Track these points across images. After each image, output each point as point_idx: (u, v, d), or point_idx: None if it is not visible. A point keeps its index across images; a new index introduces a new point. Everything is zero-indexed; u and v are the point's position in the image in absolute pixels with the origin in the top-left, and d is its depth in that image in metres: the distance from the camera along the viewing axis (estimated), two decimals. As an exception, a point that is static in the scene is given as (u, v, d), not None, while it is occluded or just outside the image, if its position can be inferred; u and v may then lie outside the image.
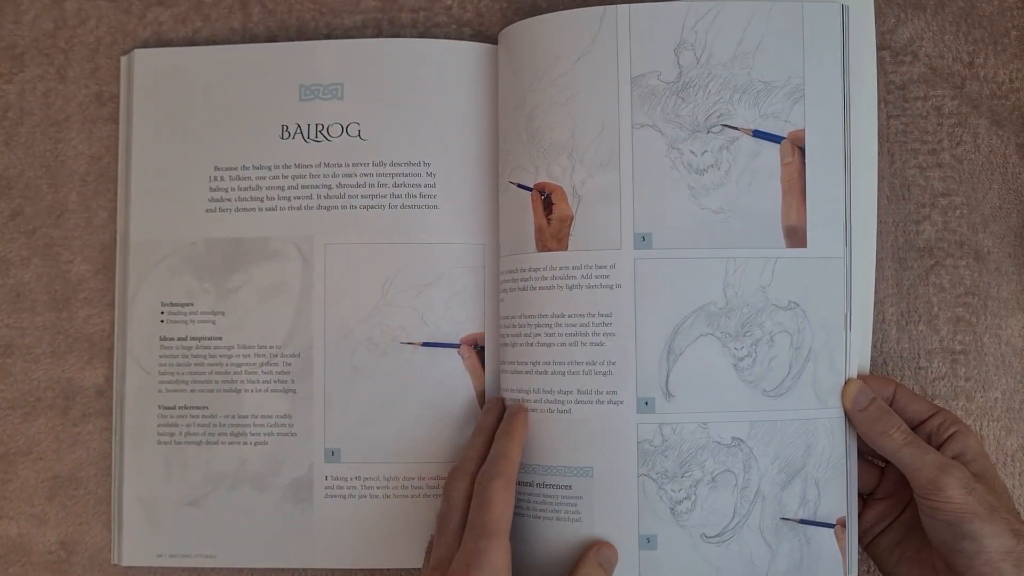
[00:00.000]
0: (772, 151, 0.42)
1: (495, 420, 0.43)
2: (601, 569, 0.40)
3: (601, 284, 0.42)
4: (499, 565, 0.37)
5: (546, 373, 0.43)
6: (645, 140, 0.42)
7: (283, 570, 0.47)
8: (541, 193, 0.43)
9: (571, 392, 0.42)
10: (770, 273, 0.42)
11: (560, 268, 0.43)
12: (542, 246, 0.43)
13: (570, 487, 0.42)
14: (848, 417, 0.42)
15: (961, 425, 0.41)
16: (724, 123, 0.42)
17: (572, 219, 0.43)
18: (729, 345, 0.42)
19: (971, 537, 0.37)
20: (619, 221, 0.42)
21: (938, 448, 0.40)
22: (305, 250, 0.47)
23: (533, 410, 0.43)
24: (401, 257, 0.46)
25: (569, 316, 0.43)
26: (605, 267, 0.42)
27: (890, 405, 0.42)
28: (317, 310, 0.46)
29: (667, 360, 0.42)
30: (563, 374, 0.43)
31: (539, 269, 0.43)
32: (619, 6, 0.43)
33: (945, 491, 0.37)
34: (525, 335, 0.44)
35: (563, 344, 0.43)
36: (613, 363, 0.42)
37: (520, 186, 0.44)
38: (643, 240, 0.42)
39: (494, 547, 0.37)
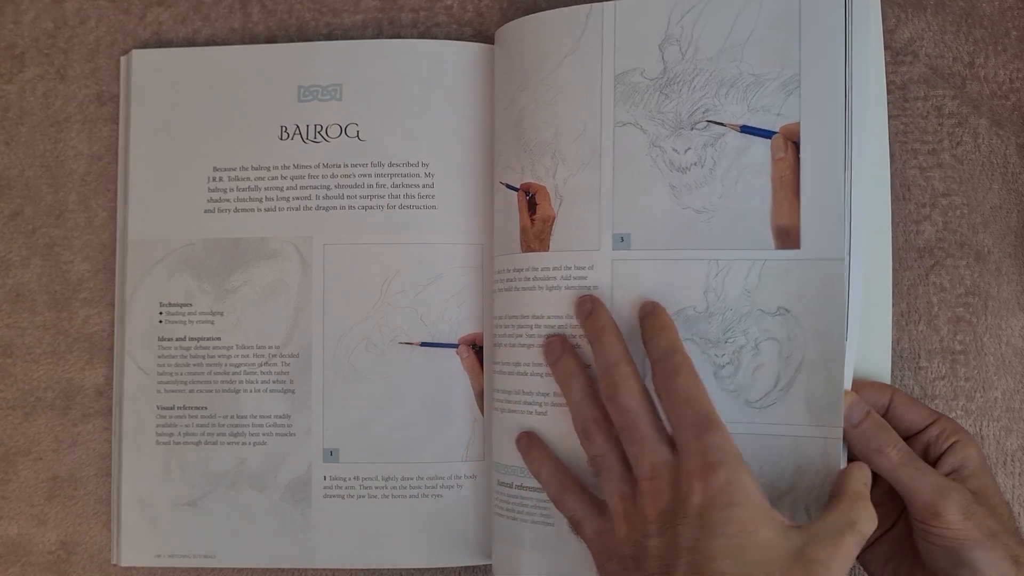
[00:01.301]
0: (762, 147, 0.40)
1: (609, 317, 0.40)
2: (866, 488, 0.36)
3: (579, 286, 0.42)
4: (737, 453, 0.34)
5: (526, 374, 0.43)
6: (626, 138, 0.42)
7: (282, 570, 0.47)
8: (526, 193, 0.43)
9: (547, 395, 0.42)
10: (756, 276, 0.40)
11: (541, 269, 0.42)
12: (526, 246, 0.43)
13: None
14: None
15: (962, 434, 0.39)
16: (709, 119, 0.41)
17: (554, 219, 0.42)
18: (709, 351, 0.40)
19: (968, 565, 0.35)
20: (598, 222, 0.42)
21: (937, 459, 0.38)
22: (304, 250, 0.47)
23: (513, 411, 0.43)
24: (399, 257, 0.46)
25: (548, 317, 0.42)
26: (583, 268, 0.42)
27: (886, 413, 0.40)
28: (316, 310, 0.46)
29: (641, 366, 0.40)
30: (541, 375, 0.42)
31: (522, 270, 0.43)
32: (605, 3, 0.42)
33: (943, 516, 0.35)
34: (511, 336, 0.43)
35: (542, 345, 0.42)
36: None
37: (508, 186, 0.44)
38: (621, 241, 0.41)
39: (725, 437, 0.34)
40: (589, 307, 0.40)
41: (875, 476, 0.41)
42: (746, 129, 0.41)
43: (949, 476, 0.37)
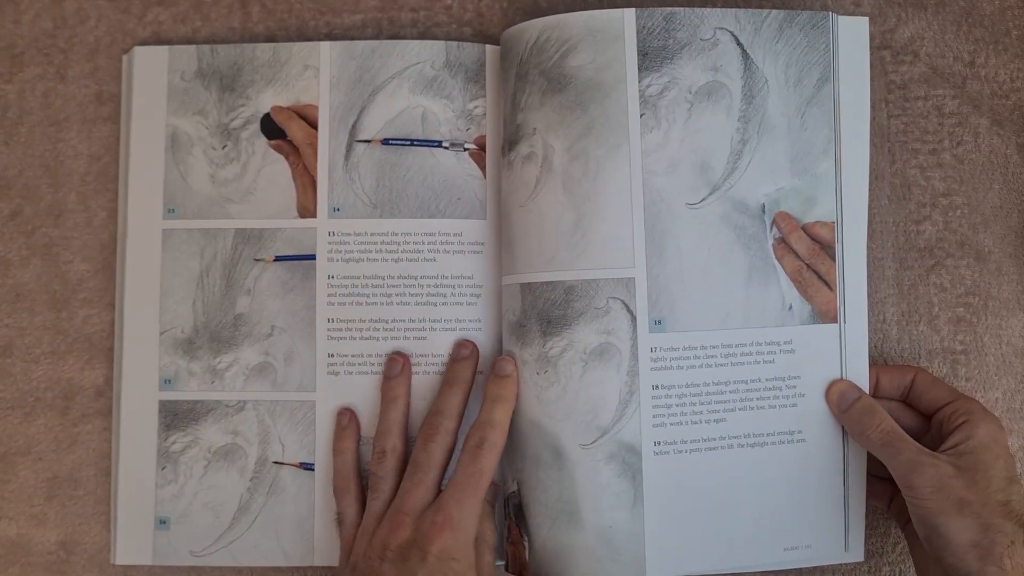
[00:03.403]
0: None
1: (471, 372, 0.44)
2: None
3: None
4: (473, 531, 0.39)
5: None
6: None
7: (283, 568, 0.47)
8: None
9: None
10: None
11: None
12: None
13: None
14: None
15: (973, 415, 0.41)
16: None
17: None
18: None
19: (937, 532, 0.38)
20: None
21: (948, 436, 0.40)
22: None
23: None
24: None
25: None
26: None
27: (908, 393, 0.43)
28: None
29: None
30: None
31: None
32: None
33: (915, 489, 0.39)
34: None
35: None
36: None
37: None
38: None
39: (476, 513, 0.40)
40: (462, 355, 0.44)
41: None
42: None
43: (948, 451, 0.40)
